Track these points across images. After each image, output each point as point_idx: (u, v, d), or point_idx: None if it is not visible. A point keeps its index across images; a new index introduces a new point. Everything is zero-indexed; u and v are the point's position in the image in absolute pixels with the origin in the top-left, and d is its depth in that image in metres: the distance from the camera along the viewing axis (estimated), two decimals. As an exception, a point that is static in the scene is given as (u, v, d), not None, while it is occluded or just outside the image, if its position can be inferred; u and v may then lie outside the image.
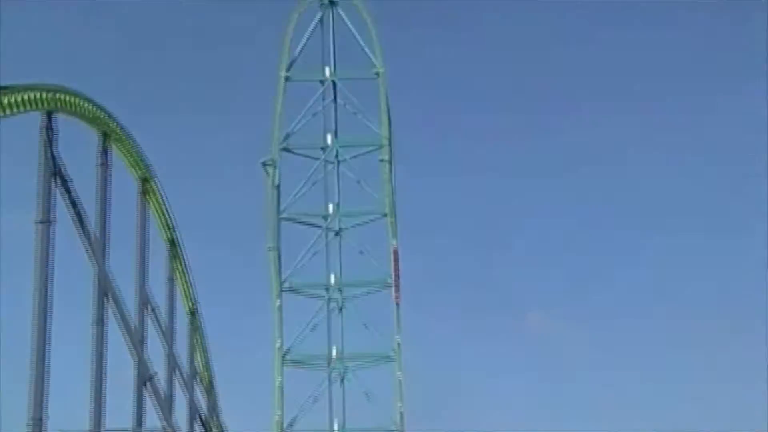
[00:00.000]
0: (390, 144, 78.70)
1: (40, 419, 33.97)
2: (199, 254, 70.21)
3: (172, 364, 49.70)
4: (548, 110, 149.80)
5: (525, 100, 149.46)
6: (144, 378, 41.40)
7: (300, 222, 79.53)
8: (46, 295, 35.13)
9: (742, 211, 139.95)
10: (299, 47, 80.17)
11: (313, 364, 77.64)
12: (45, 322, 35.00)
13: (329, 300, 77.69)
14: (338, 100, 79.85)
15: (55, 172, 36.08)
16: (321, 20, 79.73)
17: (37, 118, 35.83)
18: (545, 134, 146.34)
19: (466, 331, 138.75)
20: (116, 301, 39.32)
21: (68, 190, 36.86)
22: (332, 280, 77.71)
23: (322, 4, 79.51)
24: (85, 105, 39.71)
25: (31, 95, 34.95)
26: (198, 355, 58.14)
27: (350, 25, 79.43)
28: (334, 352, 76.95)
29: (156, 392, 42.87)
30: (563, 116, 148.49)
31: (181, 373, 51.58)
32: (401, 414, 74.81)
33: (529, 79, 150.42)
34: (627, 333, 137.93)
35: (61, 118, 36.96)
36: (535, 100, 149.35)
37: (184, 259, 53.64)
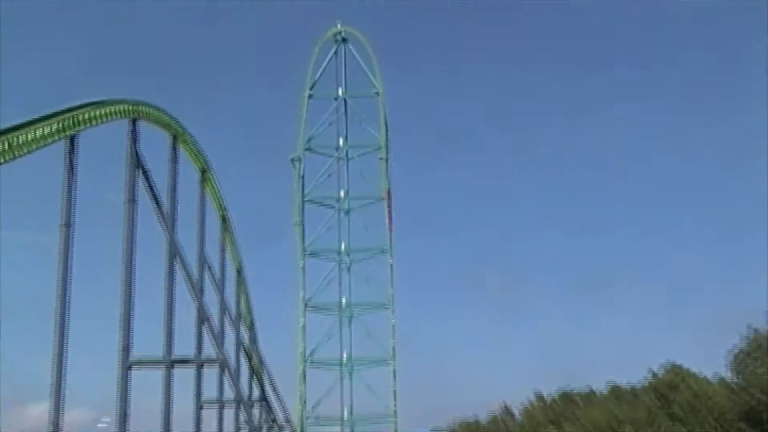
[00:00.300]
0: (386, 146, 79.17)
1: (127, 347, 34.54)
2: (243, 227, 70.19)
3: (223, 308, 50.09)
4: (521, 118, 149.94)
5: (497, 107, 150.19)
6: (202, 318, 41.48)
7: (319, 203, 79.86)
8: (131, 255, 35.55)
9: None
10: (319, 73, 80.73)
11: (327, 310, 78.09)
12: (130, 275, 35.45)
13: (340, 262, 78.06)
14: (348, 112, 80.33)
15: (137, 164, 36.33)
16: (335, 52, 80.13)
17: (124, 124, 36.29)
18: (518, 135, 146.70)
19: (444, 285, 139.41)
20: (182, 261, 39.47)
21: (147, 178, 37.11)
22: (342, 246, 78.08)
23: (336, 41, 79.92)
24: (160, 114, 39.90)
25: (120, 107, 35.12)
26: (242, 301, 58.54)
27: (358, 57, 79.82)
28: (343, 302, 77.46)
29: (211, 329, 43.05)
30: (538, 124, 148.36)
31: (230, 315, 51.93)
32: (393, 347, 75.45)
33: (500, 90, 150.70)
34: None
35: (142, 124, 37.27)
36: (506, 107, 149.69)
37: (232, 231, 53.98)
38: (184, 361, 40.67)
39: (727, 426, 45.41)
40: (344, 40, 79.99)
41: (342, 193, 79.03)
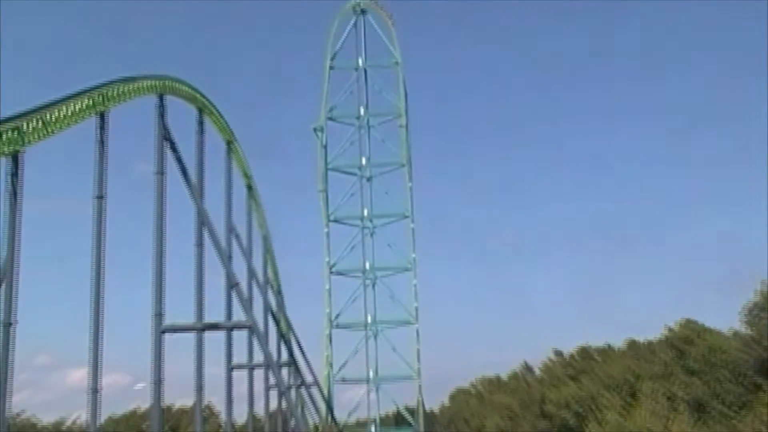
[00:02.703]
0: (406, 113, 79.11)
1: (160, 313, 34.87)
2: (268, 195, 70.46)
3: (251, 274, 50.34)
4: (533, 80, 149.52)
5: (512, 76, 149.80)
6: (231, 284, 41.72)
7: (341, 171, 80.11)
8: (162, 225, 35.81)
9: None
10: (339, 44, 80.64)
11: (352, 275, 78.60)
12: (162, 244, 35.70)
13: (363, 227, 78.37)
14: (369, 81, 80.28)
15: (165, 137, 36.50)
16: (355, 24, 79.94)
17: (152, 99, 36.40)
18: (528, 99, 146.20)
19: (462, 249, 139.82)
20: (210, 230, 39.63)
21: (175, 150, 37.27)
22: (365, 212, 78.36)
23: (355, 12, 79.69)
24: (186, 88, 39.96)
25: (147, 83, 35.23)
26: (269, 267, 58.88)
27: (377, 27, 79.55)
28: (367, 266, 77.79)
29: (240, 295, 43.21)
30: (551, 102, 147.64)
31: (258, 281, 52.21)
32: (416, 308, 75.82)
33: (514, 58, 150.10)
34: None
35: (168, 98, 37.32)
36: (514, 71, 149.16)
37: (258, 199, 54.22)
38: (214, 326, 41.10)
39: (741, 378, 45.36)
40: (363, 11, 79.66)
41: (364, 161, 79.11)
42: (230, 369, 45.85)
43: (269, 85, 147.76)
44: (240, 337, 46.61)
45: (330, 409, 69.84)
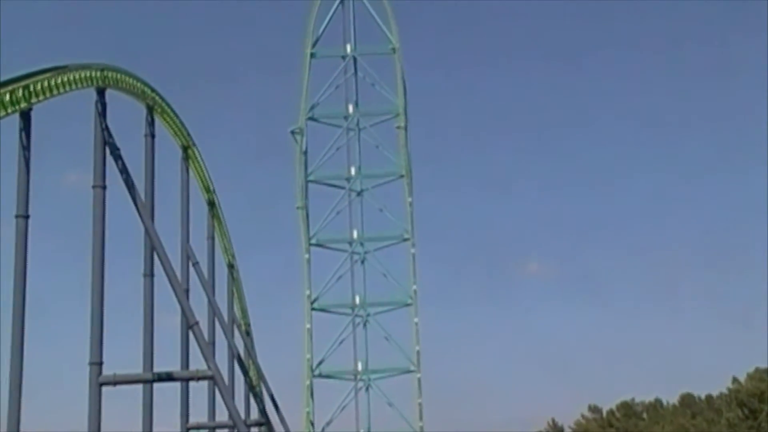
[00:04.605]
0: (405, 112, 78.85)
1: (99, 362, 34.24)
2: (235, 213, 69.96)
3: (213, 311, 49.88)
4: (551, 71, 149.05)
5: (529, 69, 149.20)
6: (188, 324, 41.22)
7: (325, 184, 79.87)
8: (102, 251, 35.26)
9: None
10: (322, 27, 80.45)
11: (338, 311, 78.09)
12: (101, 275, 35.13)
13: (352, 253, 78.02)
14: (358, 73, 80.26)
15: (106, 142, 36.04)
16: (342, 2, 79.70)
17: (90, 94, 35.91)
18: (547, 96, 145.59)
19: (474, 275, 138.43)
20: (162, 256, 39.17)
21: (119, 158, 36.79)
22: (355, 235, 78.14)
23: (342, -13, 79.46)
24: (132, 81, 39.57)
25: (84, 74, 34.82)
26: (236, 303, 58.40)
27: (369, 6, 79.33)
28: (357, 300, 77.29)
29: (199, 338, 42.66)
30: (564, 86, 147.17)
31: (221, 320, 51.72)
32: (418, 353, 75.28)
33: (529, 49, 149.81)
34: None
35: (111, 94, 36.87)
36: (537, 65, 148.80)
37: (222, 219, 53.79)
38: (167, 377, 40.39)
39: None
40: (352, -14, 79.78)
41: (353, 171, 79.02)
42: (187, 430, 45.31)
43: (235, 77, 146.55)
44: (199, 390, 46.04)
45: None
